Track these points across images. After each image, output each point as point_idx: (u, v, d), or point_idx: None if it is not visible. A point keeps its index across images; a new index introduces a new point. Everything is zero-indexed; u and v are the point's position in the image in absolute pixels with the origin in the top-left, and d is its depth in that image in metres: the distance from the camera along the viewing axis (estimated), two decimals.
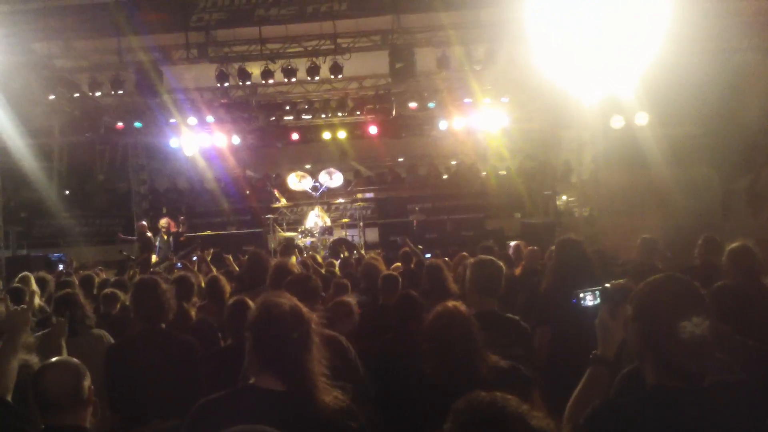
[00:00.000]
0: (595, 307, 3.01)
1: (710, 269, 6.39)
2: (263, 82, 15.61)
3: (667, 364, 2.47)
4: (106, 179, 25.09)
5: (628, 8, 11.10)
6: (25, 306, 3.86)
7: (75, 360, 3.41)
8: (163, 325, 4.95)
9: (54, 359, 3.43)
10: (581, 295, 3.13)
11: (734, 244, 5.92)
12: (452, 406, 2.11)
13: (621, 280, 2.93)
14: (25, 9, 14.46)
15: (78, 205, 23.53)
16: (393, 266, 10.10)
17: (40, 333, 5.63)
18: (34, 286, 8.32)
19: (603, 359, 2.83)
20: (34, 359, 3.84)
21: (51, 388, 3.24)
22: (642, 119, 14.35)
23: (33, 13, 14.42)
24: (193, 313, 6.42)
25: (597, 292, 3.02)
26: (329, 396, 2.89)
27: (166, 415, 4.38)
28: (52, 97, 15.85)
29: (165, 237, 17.69)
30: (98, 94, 15.99)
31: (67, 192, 24.54)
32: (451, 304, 3.90)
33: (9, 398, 3.40)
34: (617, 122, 14.56)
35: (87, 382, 3.34)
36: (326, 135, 20.60)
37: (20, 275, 8.89)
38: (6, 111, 15.63)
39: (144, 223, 18.37)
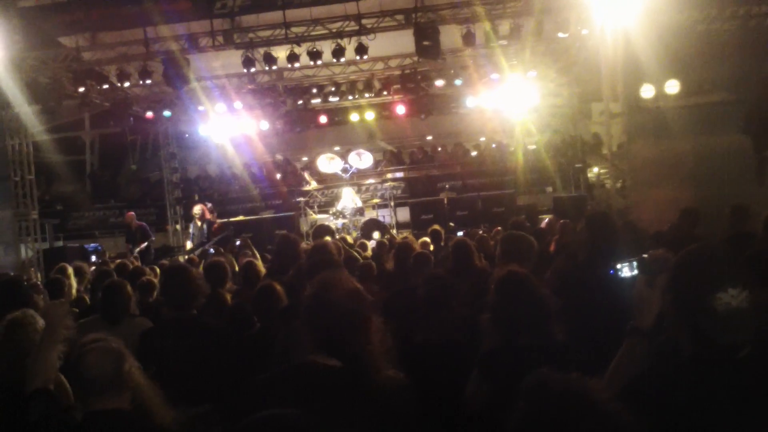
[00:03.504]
0: (632, 278, 3.01)
1: (745, 237, 6.34)
2: (289, 66, 15.62)
3: (702, 336, 2.46)
4: (138, 169, 25.39)
5: None
6: (63, 299, 3.92)
7: (116, 343, 3.44)
8: (194, 311, 4.99)
9: (95, 343, 3.48)
10: (619, 266, 3.13)
11: None
12: (524, 384, 2.08)
13: (658, 251, 2.92)
14: (52, 3, 14.62)
15: (112, 195, 23.85)
16: (420, 241, 10.09)
17: (82, 321, 5.75)
18: (72, 277, 8.46)
19: (640, 330, 2.83)
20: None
21: (92, 371, 3.27)
22: (672, 88, 14.17)
23: (59, 7, 14.58)
24: (228, 298, 6.50)
25: (634, 263, 3.03)
26: (386, 372, 2.94)
27: (196, 401, 4.44)
28: (81, 89, 16.02)
29: (198, 224, 17.83)
30: (127, 84, 16.15)
31: (101, 183, 24.87)
32: (513, 268, 3.84)
33: (51, 388, 3.47)
34: (647, 92, 14.38)
35: (128, 365, 3.39)
36: (354, 116, 20.60)
37: (58, 266, 9.05)
38: (37, 106, 15.85)
39: (132, 213, 18.17)
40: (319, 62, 15.43)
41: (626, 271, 3.08)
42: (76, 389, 3.34)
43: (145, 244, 16.48)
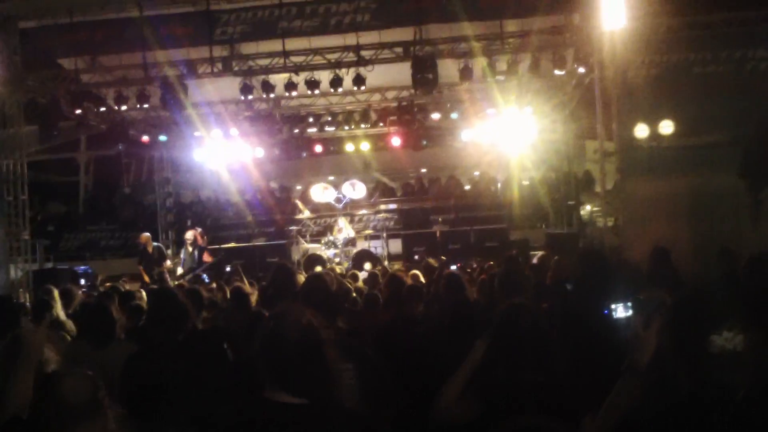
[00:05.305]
0: (627, 317, 3.01)
1: (734, 279, 6.35)
2: (287, 94, 15.69)
3: (699, 376, 2.46)
4: (132, 192, 25.35)
5: None
6: (42, 325, 3.88)
7: (88, 371, 3.44)
8: (180, 337, 4.95)
9: (70, 370, 3.46)
10: (613, 306, 3.13)
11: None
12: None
13: (654, 291, 2.92)
14: (53, 24, 14.69)
15: (104, 218, 23.76)
16: (411, 273, 10.05)
17: (67, 345, 5.69)
18: (57, 300, 8.35)
19: (636, 369, 2.82)
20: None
21: (70, 397, 3.26)
22: (667, 128, 14.28)
23: (61, 28, 14.64)
24: (199, 325, 6.41)
25: (629, 304, 3.03)
26: (345, 406, 2.91)
27: (182, 424, 4.39)
28: (78, 111, 16.02)
29: (189, 249, 17.75)
30: (124, 108, 16.15)
31: (94, 205, 24.80)
32: (517, 301, 3.86)
33: (24, 417, 3.43)
34: (641, 131, 14.48)
35: (102, 392, 3.37)
36: (349, 147, 20.65)
37: (43, 288, 8.93)
38: (33, 126, 15.85)
39: (148, 234, 17.97)
40: (316, 91, 15.51)
41: (621, 310, 3.08)
42: (53, 415, 3.29)
43: (168, 263, 16.47)
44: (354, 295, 8.20)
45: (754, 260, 5.74)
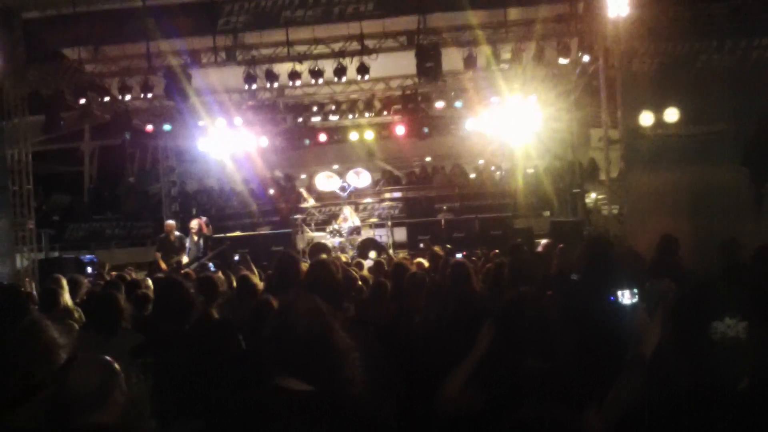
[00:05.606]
0: (632, 305, 3.01)
1: (738, 270, 6.34)
2: (290, 83, 15.67)
3: (702, 367, 2.45)
4: (136, 182, 25.38)
5: None
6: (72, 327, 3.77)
7: (104, 357, 3.29)
8: (187, 326, 4.96)
9: (81, 356, 3.34)
10: (619, 293, 3.12)
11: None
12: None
13: (660, 280, 2.92)
14: (56, 15, 14.67)
15: (109, 207, 23.80)
16: (416, 261, 10.05)
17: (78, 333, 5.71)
18: (65, 288, 8.38)
19: (640, 359, 2.82)
20: None
21: (76, 386, 3.10)
22: (672, 116, 14.24)
23: (64, 19, 14.62)
24: (214, 313, 6.44)
25: (636, 291, 3.03)
26: (359, 391, 2.91)
27: (191, 415, 4.40)
28: (82, 101, 16.01)
29: (195, 238, 17.76)
30: (128, 97, 16.14)
31: (98, 195, 24.84)
32: (522, 290, 3.86)
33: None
34: (646, 119, 14.45)
35: (117, 380, 3.21)
36: (353, 135, 20.63)
37: (51, 277, 8.97)
38: (37, 116, 15.86)
39: (173, 222, 17.89)
40: (320, 81, 15.48)
41: (626, 298, 3.08)
42: (60, 405, 3.18)
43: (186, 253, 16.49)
44: (360, 283, 8.22)
45: (761, 251, 5.74)
